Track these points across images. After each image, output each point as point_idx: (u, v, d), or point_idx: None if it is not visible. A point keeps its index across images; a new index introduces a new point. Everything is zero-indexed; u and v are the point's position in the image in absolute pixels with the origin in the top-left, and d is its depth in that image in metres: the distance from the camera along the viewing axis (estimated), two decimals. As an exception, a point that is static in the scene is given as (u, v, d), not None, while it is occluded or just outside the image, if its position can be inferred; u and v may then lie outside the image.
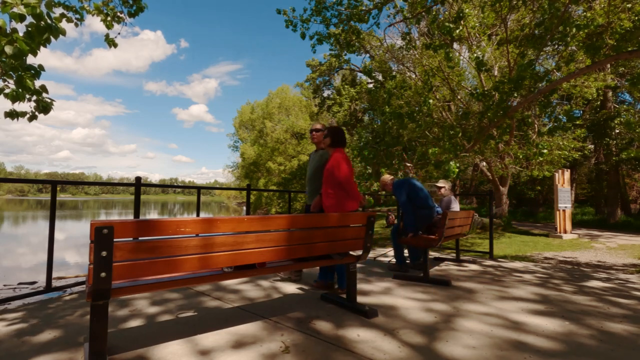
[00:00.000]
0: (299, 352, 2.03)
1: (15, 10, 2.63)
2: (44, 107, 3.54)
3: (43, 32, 2.92)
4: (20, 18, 2.70)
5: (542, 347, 2.15)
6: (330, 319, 2.58)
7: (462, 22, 6.72)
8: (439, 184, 5.13)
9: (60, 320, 2.51)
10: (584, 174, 23.01)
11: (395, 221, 5.02)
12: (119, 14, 4.81)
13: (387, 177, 4.63)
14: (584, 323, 2.59)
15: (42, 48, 3.14)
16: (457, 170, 6.88)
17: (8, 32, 2.79)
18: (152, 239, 1.85)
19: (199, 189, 4.71)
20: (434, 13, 6.94)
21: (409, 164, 10.49)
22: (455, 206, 5.01)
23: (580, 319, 2.68)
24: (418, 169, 10.45)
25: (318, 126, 3.68)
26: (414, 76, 15.89)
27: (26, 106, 3.56)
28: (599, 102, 15.93)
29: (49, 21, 2.98)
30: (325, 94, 34.64)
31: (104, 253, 1.68)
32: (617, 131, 15.28)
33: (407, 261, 4.71)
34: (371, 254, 5.77)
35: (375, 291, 3.40)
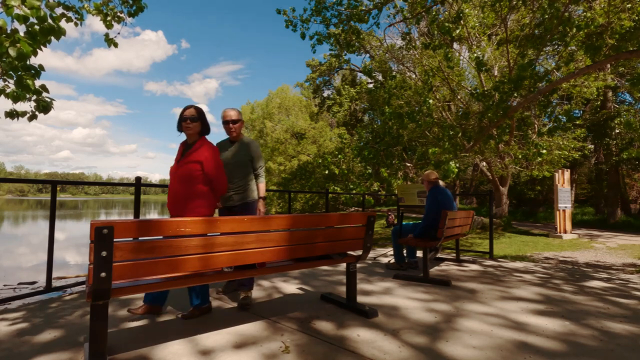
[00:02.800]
0: (300, 352, 2.03)
1: (18, 12, 2.64)
2: (44, 107, 3.54)
3: (47, 34, 2.93)
4: (24, 19, 2.70)
5: (542, 347, 2.15)
6: (330, 319, 2.58)
7: (462, 22, 6.73)
8: None
9: (61, 320, 2.51)
10: (584, 174, 23.02)
11: (395, 221, 5.02)
12: (118, 13, 4.82)
13: (433, 174, 4.55)
14: (584, 323, 2.59)
15: (42, 48, 3.15)
16: (456, 170, 6.88)
17: (9, 32, 2.79)
18: (152, 239, 1.85)
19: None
20: (433, 13, 6.94)
21: (409, 164, 10.48)
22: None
23: (581, 319, 2.68)
24: (418, 169, 10.44)
25: (235, 116, 3.04)
26: (414, 76, 15.89)
27: (26, 106, 3.57)
28: (599, 102, 15.93)
29: (51, 22, 2.99)
30: (325, 94, 34.71)
31: (104, 253, 1.68)
32: (617, 131, 15.28)
33: (407, 260, 4.71)
34: (371, 254, 5.77)
35: (375, 291, 3.40)
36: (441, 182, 5.21)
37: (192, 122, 2.58)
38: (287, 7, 7.42)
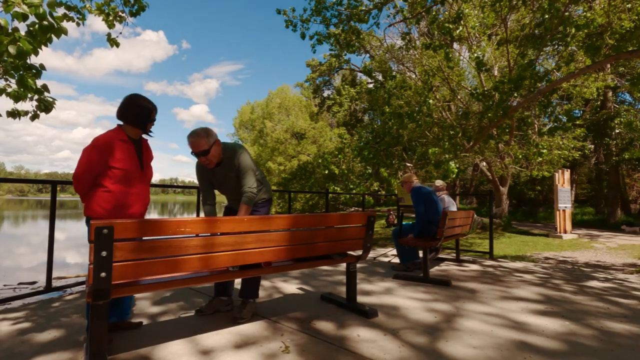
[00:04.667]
0: (300, 352, 2.03)
1: (17, 9, 2.64)
2: (46, 106, 3.55)
3: (46, 32, 2.93)
4: (23, 17, 2.70)
5: (543, 347, 2.15)
6: (330, 319, 2.58)
7: (462, 22, 6.73)
8: (437, 184, 5.17)
9: (61, 320, 2.51)
10: (584, 174, 23.02)
11: (395, 221, 5.02)
12: (120, 13, 4.82)
13: (411, 177, 4.57)
14: (584, 323, 2.60)
15: (43, 47, 3.15)
16: (456, 170, 6.89)
17: (10, 31, 2.79)
18: (153, 239, 1.85)
19: (199, 189, 4.70)
20: (434, 13, 6.94)
21: (409, 164, 10.49)
22: (452, 207, 5.02)
23: (581, 319, 2.68)
24: (418, 169, 10.45)
25: (205, 146, 2.36)
26: (414, 76, 15.88)
27: (28, 105, 3.58)
28: (599, 102, 15.94)
29: (51, 20, 2.99)
30: (325, 94, 34.72)
31: (104, 253, 1.68)
32: (617, 131, 15.29)
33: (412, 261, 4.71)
34: (372, 254, 5.77)
35: (376, 291, 3.40)
36: (441, 183, 5.22)
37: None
38: (287, 7, 7.42)
